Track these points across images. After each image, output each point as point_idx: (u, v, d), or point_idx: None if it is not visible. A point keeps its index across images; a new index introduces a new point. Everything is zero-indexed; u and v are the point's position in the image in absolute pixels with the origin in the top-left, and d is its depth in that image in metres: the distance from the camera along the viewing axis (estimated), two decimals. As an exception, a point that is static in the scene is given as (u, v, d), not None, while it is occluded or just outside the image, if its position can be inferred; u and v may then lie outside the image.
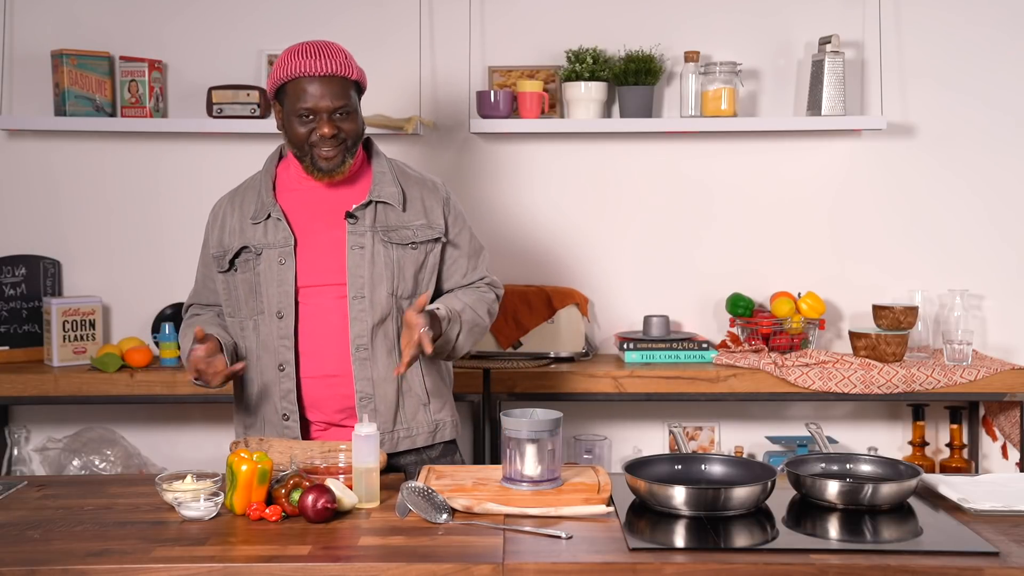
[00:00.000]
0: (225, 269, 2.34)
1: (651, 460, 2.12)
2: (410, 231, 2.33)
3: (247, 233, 2.32)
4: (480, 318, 2.36)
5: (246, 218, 2.34)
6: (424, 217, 2.35)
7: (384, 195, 2.33)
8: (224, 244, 2.35)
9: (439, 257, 2.37)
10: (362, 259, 2.28)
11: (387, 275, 2.29)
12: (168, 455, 3.52)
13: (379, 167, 2.38)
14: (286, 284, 2.28)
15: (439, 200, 2.39)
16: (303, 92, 2.23)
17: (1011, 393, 3.22)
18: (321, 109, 2.23)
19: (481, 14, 3.53)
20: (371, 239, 2.29)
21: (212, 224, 2.41)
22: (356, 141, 2.30)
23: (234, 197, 2.41)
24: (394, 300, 2.30)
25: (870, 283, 3.57)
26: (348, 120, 2.27)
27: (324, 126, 2.23)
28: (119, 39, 3.51)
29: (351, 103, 2.27)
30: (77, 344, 3.42)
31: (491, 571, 1.69)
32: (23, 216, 3.56)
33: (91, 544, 1.80)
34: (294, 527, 1.89)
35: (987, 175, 3.56)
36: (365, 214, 2.31)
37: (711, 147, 3.56)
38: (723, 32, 3.53)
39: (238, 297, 2.34)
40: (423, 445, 2.36)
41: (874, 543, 1.81)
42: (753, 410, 3.62)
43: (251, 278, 2.31)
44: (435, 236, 2.35)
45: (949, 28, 3.52)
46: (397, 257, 2.31)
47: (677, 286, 3.59)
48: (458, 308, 2.31)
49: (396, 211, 2.33)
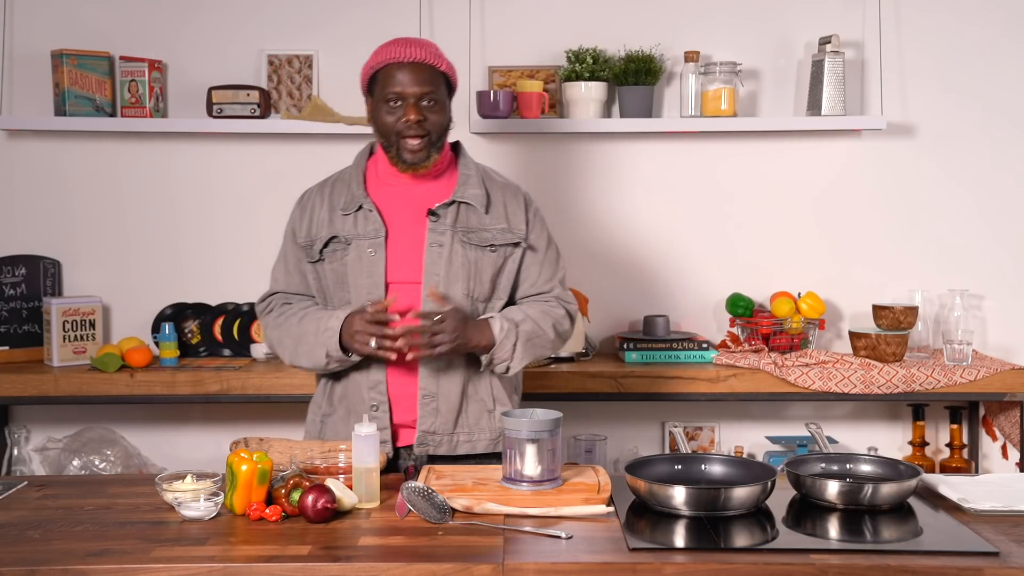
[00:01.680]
0: (315, 259, 2.35)
1: (651, 460, 2.12)
2: (490, 234, 2.32)
3: (336, 224, 2.33)
4: (542, 331, 2.31)
5: (336, 209, 2.34)
6: (505, 221, 2.34)
7: (468, 196, 2.32)
8: (312, 234, 2.35)
9: (518, 263, 2.36)
10: (439, 257, 2.28)
11: (463, 275, 2.28)
12: (168, 455, 3.52)
13: (465, 168, 2.37)
14: (376, 275, 2.28)
15: (521, 205, 2.38)
16: (392, 78, 2.25)
17: (1011, 393, 3.22)
18: (408, 95, 2.24)
19: (481, 14, 3.53)
20: (450, 238, 2.29)
21: (300, 214, 2.40)
22: (441, 135, 2.29)
23: (323, 188, 2.41)
24: (469, 301, 2.30)
25: (870, 283, 3.57)
26: (434, 111, 2.26)
27: (411, 112, 2.23)
28: (119, 39, 3.51)
29: (439, 93, 2.27)
30: (77, 344, 3.42)
31: (491, 571, 1.69)
32: (23, 216, 3.56)
33: (91, 544, 1.80)
34: (294, 527, 1.89)
35: (987, 175, 3.56)
36: (447, 213, 2.30)
37: (711, 147, 3.56)
38: (723, 32, 3.53)
39: (327, 287, 2.35)
40: (483, 452, 2.33)
41: (874, 543, 1.81)
42: (753, 410, 3.62)
43: (339, 268, 2.32)
44: (515, 240, 2.34)
45: (949, 28, 3.52)
46: (475, 258, 2.30)
47: (677, 286, 3.59)
48: (517, 319, 2.29)
49: (478, 213, 2.32)
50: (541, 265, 2.39)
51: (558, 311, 2.37)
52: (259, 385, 3.22)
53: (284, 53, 3.52)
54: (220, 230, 3.58)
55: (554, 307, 2.38)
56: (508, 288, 2.36)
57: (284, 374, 3.24)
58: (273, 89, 3.51)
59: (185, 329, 3.54)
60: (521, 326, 2.28)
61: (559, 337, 2.37)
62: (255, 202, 3.58)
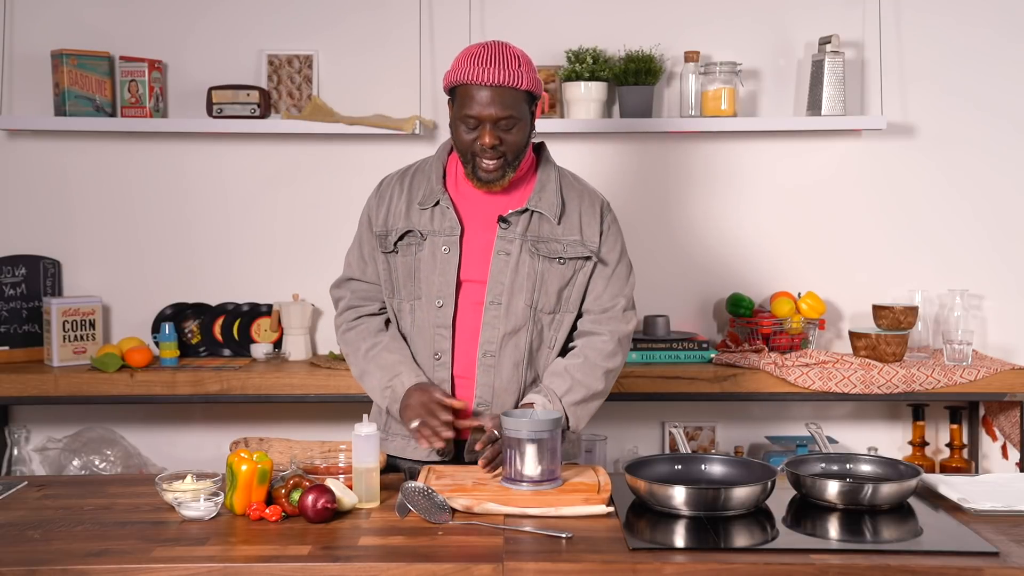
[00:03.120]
0: (388, 250, 2.32)
1: (651, 460, 2.12)
2: (560, 245, 2.27)
3: (413, 217, 2.30)
4: (590, 389, 2.26)
5: (414, 202, 2.31)
6: (578, 233, 2.29)
7: (541, 206, 2.27)
8: (389, 224, 2.32)
9: (588, 276, 2.31)
10: (506, 266, 2.25)
11: (528, 286, 2.25)
12: (168, 455, 3.52)
13: (544, 175, 2.32)
14: (448, 273, 2.26)
15: (597, 216, 2.32)
16: (470, 99, 2.17)
17: (1011, 393, 3.22)
18: (485, 118, 2.17)
19: (481, 14, 3.53)
20: (519, 247, 2.25)
21: (378, 203, 2.36)
22: (518, 154, 2.23)
23: (403, 178, 2.36)
24: (532, 312, 2.26)
25: (870, 283, 3.57)
26: (512, 132, 2.19)
27: (486, 135, 2.17)
28: (119, 39, 3.51)
29: (517, 114, 2.19)
30: (77, 344, 3.42)
31: (491, 571, 1.69)
32: (23, 216, 3.56)
33: (91, 544, 1.80)
34: (294, 527, 1.89)
35: (988, 175, 3.56)
36: (519, 221, 2.26)
37: (711, 147, 3.56)
38: (723, 32, 3.53)
39: (397, 279, 2.32)
40: None
41: (874, 543, 1.81)
42: (753, 410, 3.62)
43: (411, 262, 2.29)
44: (586, 254, 2.29)
45: (949, 29, 3.52)
46: (542, 270, 2.26)
47: (677, 286, 3.59)
48: (560, 391, 2.22)
49: (550, 223, 2.27)
50: (608, 280, 2.32)
51: (605, 348, 2.29)
52: (259, 385, 3.22)
53: (284, 53, 3.52)
54: (220, 230, 3.58)
55: (602, 344, 2.29)
56: (578, 302, 2.31)
57: (284, 374, 3.24)
58: (273, 89, 3.51)
59: (185, 329, 3.54)
60: (565, 398, 2.23)
61: (612, 375, 2.31)
62: (255, 202, 3.58)
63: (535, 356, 2.29)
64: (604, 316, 2.31)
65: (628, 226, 3.60)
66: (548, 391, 2.22)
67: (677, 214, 3.58)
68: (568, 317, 2.32)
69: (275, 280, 3.59)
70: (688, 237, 3.58)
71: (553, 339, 2.31)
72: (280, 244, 3.59)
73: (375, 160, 3.46)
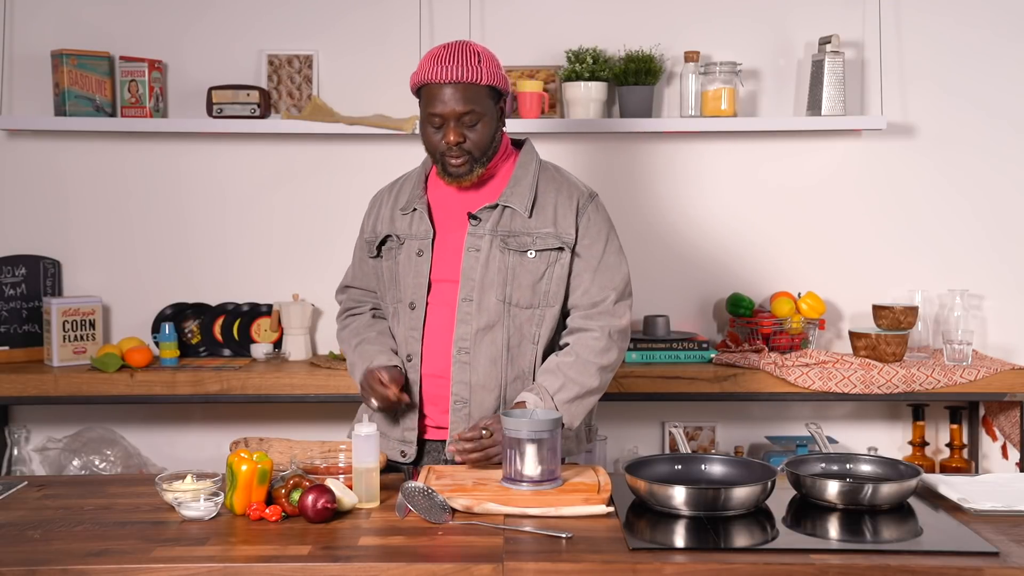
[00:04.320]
0: (374, 255, 2.39)
1: (651, 460, 2.12)
2: (531, 238, 2.26)
3: (395, 223, 2.36)
4: (584, 386, 2.24)
5: (397, 208, 2.37)
6: (552, 225, 2.27)
7: (512, 200, 2.27)
8: (376, 231, 2.40)
9: (568, 268, 2.29)
10: (476, 262, 2.26)
11: (499, 280, 2.25)
12: (168, 455, 3.52)
13: (522, 170, 2.32)
14: (421, 276, 2.29)
15: (573, 208, 2.30)
16: (433, 97, 2.21)
17: (1011, 393, 3.22)
18: (448, 115, 2.20)
19: (481, 14, 3.53)
20: (488, 242, 2.26)
21: (369, 210, 2.46)
22: (484, 151, 2.25)
23: (394, 186, 2.45)
24: (505, 307, 2.26)
25: (870, 283, 3.57)
26: (477, 128, 2.22)
27: (450, 133, 2.21)
28: (119, 39, 3.51)
29: (480, 108, 2.21)
30: (77, 344, 3.42)
31: (491, 571, 1.69)
32: (23, 216, 3.57)
33: (91, 544, 1.80)
34: (294, 527, 1.89)
35: (987, 175, 3.56)
36: (489, 217, 2.27)
37: (711, 147, 3.56)
38: (723, 32, 3.53)
39: (383, 284, 2.39)
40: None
41: (874, 543, 1.81)
42: (753, 410, 3.62)
43: (392, 266, 2.35)
44: (558, 245, 2.27)
45: (949, 28, 3.52)
46: (512, 264, 2.25)
47: (677, 286, 3.59)
48: (552, 388, 2.21)
49: (522, 217, 2.27)
50: (594, 273, 2.29)
51: (597, 345, 2.26)
52: (259, 385, 3.22)
53: (284, 53, 3.52)
54: (220, 230, 3.58)
55: (594, 341, 2.26)
56: (559, 295, 2.29)
57: (284, 374, 3.24)
58: (273, 89, 3.52)
59: (185, 329, 3.54)
60: (557, 396, 2.21)
61: (607, 371, 2.28)
62: (255, 202, 3.58)
63: (515, 352, 2.28)
64: (594, 311, 2.29)
65: (628, 226, 3.63)
66: (540, 389, 2.22)
67: (677, 214, 3.58)
68: (550, 312, 2.29)
69: (275, 280, 3.59)
70: (688, 237, 3.58)
71: (536, 335, 2.29)
72: (280, 244, 3.59)
73: (375, 160, 3.47)
